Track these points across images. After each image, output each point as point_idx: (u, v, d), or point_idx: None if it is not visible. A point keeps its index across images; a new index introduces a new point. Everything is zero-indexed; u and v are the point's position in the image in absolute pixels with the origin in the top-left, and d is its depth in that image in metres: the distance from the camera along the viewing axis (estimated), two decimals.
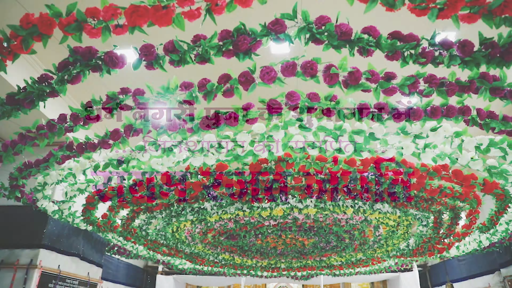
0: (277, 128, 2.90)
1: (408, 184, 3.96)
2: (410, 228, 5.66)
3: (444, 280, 11.20)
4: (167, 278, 11.63)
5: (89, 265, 7.39)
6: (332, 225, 5.43)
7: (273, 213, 4.64)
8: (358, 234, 6.03)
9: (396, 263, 9.13)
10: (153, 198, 4.23)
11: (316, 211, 4.63)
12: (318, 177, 3.72)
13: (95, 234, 7.54)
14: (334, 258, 7.86)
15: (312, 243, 6.75)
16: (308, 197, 4.13)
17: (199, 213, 4.70)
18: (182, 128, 2.87)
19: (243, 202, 4.22)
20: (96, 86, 5.07)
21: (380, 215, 4.95)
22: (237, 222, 5.25)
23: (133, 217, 5.15)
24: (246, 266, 8.77)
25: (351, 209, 4.68)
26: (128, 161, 3.35)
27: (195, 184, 3.88)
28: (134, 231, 5.86)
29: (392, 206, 4.46)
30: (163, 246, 7.50)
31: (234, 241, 6.29)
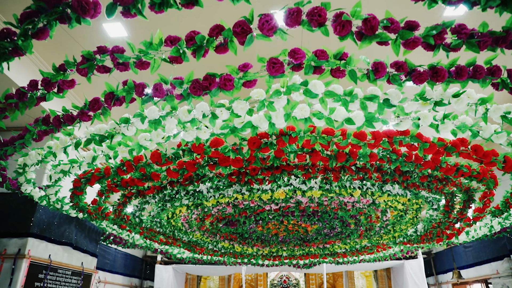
0: (278, 94, 2.53)
1: (423, 162, 3.61)
2: (419, 212, 5.33)
3: (449, 267, 10.95)
4: (166, 268, 11.36)
5: (82, 255, 7.08)
6: (338, 209, 5.09)
7: (275, 196, 4.30)
8: (364, 219, 5.70)
9: (401, 250, 8.84)
10: (144, 180, 3.89)
11: (320, 194, 4.28)
12: (324, 153, 3.36)
13: (88, 223, 7.23)
14: (338, 245, 7.53)
15: (316, 229, 6.42)
16: (313, 177, 3.78)
17: (194, 197, 4.36)
18: (170, 94, 2.50)
19: (241, 183, 3.88)
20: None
21: (389, 198, 4.61)
22: (236, 206, 4.91)
23: (124, 203, 4.82)
24: (247, 255, 8.47)
25: (359, 191, 4.33)
26: (111, 136, 2.99)
27: (188, 164, 3.52)
28: (128, 218, 5.53)
29: (403, 187, 4.11)
30: (160, 235, 7.19)
31: (233, 227, 5.96)
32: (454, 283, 10.71)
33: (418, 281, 10.73)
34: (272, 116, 2.77)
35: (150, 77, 2.51)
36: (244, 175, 3.67)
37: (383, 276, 12.85)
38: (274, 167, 3.60)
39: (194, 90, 2.39)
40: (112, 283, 10.29)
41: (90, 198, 5.11)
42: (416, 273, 10.84)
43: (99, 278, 9.45)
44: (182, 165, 3.56)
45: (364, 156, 3.40)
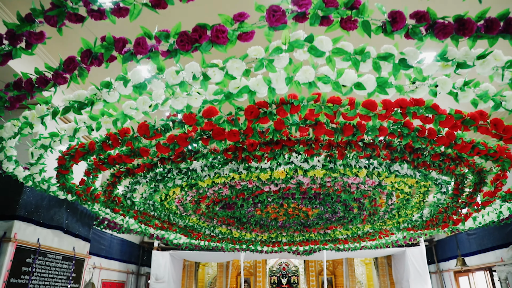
0: (279, 51, 2.20)
1: (437, 137, 3.29)
2: (426, 196, 5.04)
3: (451, 255, 10.76)
4: (163, 254, 11.15)
5: (74, 239, 6.82)
6: (341, 191, 4.79)
7: (274, 175, 4.00)
8: (368, 203, 5.42)
9: (404, 237, 8.59)
10: (132, 157, 3.57)
11: (323, 174, 3.98)
12: (329, 126, 3.04)
13: (80, 206, 6.95)
14: (339, 231, 7.27)
15: (317, 214, 6.14)
16: (316, 154, 3.47)
17: (188, 176, 4.06)
18: (155, 50, 2.17)
19: (238, 161, 3.57)
20: None
21: (396, 179, 4.31)
22: (233, 187, 4.61)
23: (114, 183, 4.51)
24: (245, 241, 8.20)
25: (364, 171, 4.03)
26: (92, 103, 2.66)
27: (180, 138, 3.21)
28: (119, 201, 5.24)
29: (413, 167, 3.80)
30: (155, 219, 6.92)
31: (230, 211, 5.67)
32: (456, 270, 10.52)
33: (419, 269, 10.53)
34: (272, 80, 2.44)
35: (133, 36, 2.19)
36: (241, 151, 3.36)
37: (383, 263, 12.67)
38: (274, 142, 3.28)
39: (182, 44, 2.06)
40: (108, 269, 10.10)
41: (78, 179, 4.81)
42: (417, 260, 10.64)
43: (94, 264, 9.24)
44: (173, 139, 3.25)
45: (373, 130, 3.08)
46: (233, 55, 2.30)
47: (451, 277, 10.91)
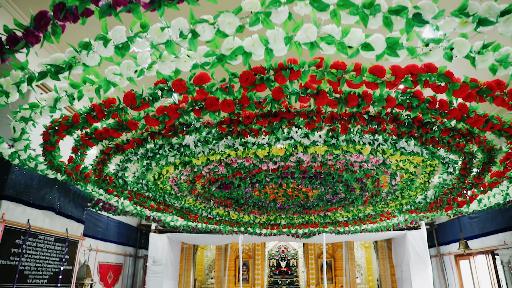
0: (277, 4, 1.94)
1: (448, 110, 3.04)
2: (432, 176, 4.81)
3: (452, 238, 10.64)
4: (160, 237, 11.01)
5: (67, 221, 6.64)
6: (343, 170, 4.56)
7: (272, 152, 3.76)
8: (371, 183, 5.20)
9: (405, 220, 8.43)
10: (120, 131, 3.33)
11: (325, 151, 3.74)
12: (333, 96, 2.79)
13: (73, 187, 6.74)
14: (340, 213, 7.08)
15: (317, 195, 5.93)
16: (318, 128, 3.22)
17: (180, 153, 3.82)
18: (136, 1, 1.91)
19: (234, 136, 3.32)
20: None
21: (401, 158, 4.08)
22: (229, 166, 4.37)
23: (103, 160, 4.28)
24: (243, 223, 8.02)
25: (369, 148, 3.79)
26: (70, 67, 2.40)
27: (170, 109, 2.95)
28: (110, 180, 5.02)
29: (420, 143, 3.56)
30: (150, 200, 6.72)
31: (227, 191, 5.45)
32: (457, 254, 10.41)
33: (420, 252, 10.41)
34: (269, 40, 2.17)
35: None
36: (237, 124, 3.11)
37: (383, 247, 12.57)
38: (272, 114, 3.03)
39: None
40: (104, 251, 9.99)
41: (67, 157, 4.58)
42: (418, 244, 10.51)
43: (90, 246, 9.10)
44: (162, 110, 3.00)
45: (380, 100, 2.83)
46: (225, 9, 2.03)
47: (451, 261, 10.81)
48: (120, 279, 11.06)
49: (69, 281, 6.60)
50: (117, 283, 10.86)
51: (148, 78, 2.71)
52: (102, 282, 9.96)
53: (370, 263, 16.44)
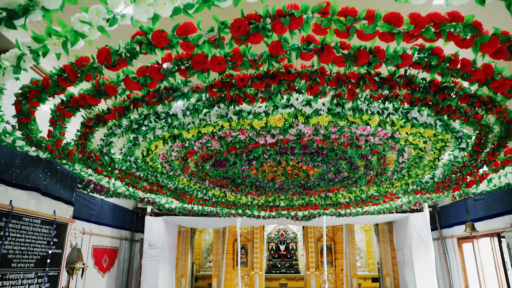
0: None
1: (471, 70, 2.65)
2: (443, 152, 4.45)
3: (455, 221, 10.38)
4: (156, 220, 10.74)
5: (55, 202, 6.30)
6: (347, 145, 4.19)
7: (270, 123, 3.38)
8: (376, 161, 4.84)
9: (409, 202, 8.12)
10: (97, 97, 2.94)
11: (328, 121, 3.37)
12: (340, 52, 2.39)
13: (61, 167, 6.38)
14: (341, 194, 6.74)
15: (318, 174, 5.57)
16: (321, 94, 2.83)
17: (168, 124, 3.45)
18: None
19: (226, 103, 2.94)
20: None
21: (412, 130, 3.71)
22: (223, 139, 3.99)
23: (86, 135, 3.90)
24: (241, 205, 7.69)
25: (377, 119, 3.42)
26: (25, 11, 2.00)
27: (152, 69, 2.56)
28: (96, 157, 4.65)
29: (435, 112, 3.18)
30: (143, 181, 6.38)
31: (222, 169, 5.09)
32: (461, 237, 10.16)
33: (422, 235, 10.15)
34: None
35: None
36: (229, 87, 2.72)
37: (384, 230, 12.33)
38: (270, 76, 2.64)
39: None
40: (99, 235, 9.72)
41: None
42: (421, 226, 10.24)
43: (84, 229, 8.82)
44: (144, 71, 2.60)
45: (394, 58, 2.44)
46: None
47: (454, 244, 10.58)
48: (116, 263, 10.83)
49: (58, 265, 6.30)
50: (113, 267, 10.64)
51: (124, 32, 2.32)
52: (97, 266, 9.72)
53: (370, 246, 16.27)
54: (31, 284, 5.58)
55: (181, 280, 12.10)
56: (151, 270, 10.32)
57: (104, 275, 10.08)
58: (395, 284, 11.68)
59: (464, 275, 10.10)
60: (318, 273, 11.83)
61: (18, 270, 5.31)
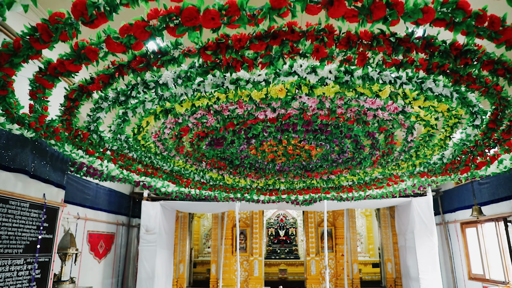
0: None
1: (500, 29, 2.33)
2: (455, 129, 4.15)
3: (458, 206, 10.18)
4: (153, 205, 10.49)
5: (44, 185, 6.01)
6: (354, 121, 3.87)
7: (271, 94, 3.05)
8: (383, 140, 4.55)
9: (413, 185, 7.85)
10: (77, 62, 2.61)
11: (335, 93, 3.05)
12: (352, 4, 2.06)
13: (50, 149, 6.07)
14: (344, 177, 6.45)
15: (321, 154, 5.27)
16: (328, 58, 2.51)
17: (159, 97, 3.13)
18: None
19: (222, 69, 2.62)
20: None
21: (425, 104, 3.40)
22: (219, 114, 3.66)
23: (70, 109, 3.59)
24: (239, 188, 7.42)
25: (388, 90, 3.11)
26: None
27: (136, 27, 2.23)
28: (85, 136, 4.34)
29: (454, 81, 2.87)
30: (136, 163, 6.09)
31: (219, 148, 4.78)
32: (464, 221, 9.95)
33: (425, 220, 9.93)
34: None
35: None
36: (225, 49, 2.39)
37: (386, 215, 12.12)
38: (271, 35, 2.31)
39: None
40: (94, 220, 9.49)
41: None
42: (424, 211, 10.01)
43: (78, 214, 8.58)
44: (127, 30, 2.28)
45: (414, 12, 2.11)
46: None
47: (457, 229, 10.38)
48: (113, 249, 10.64)
49: (49, 251, 6.06)
50: (109, 253, 10.45)
51: None
52: (92, 251, 9.52)
53: (370, 231, 16.12)
54: (20, 271, 5.34)
55: (179, 265, 11.93)
56: (148, 256, 10.12)
57: (100, 261, 9.89)
58: (396, 269, 11.53)
59: (467, 260, 9.93)
60: (318, 259, 11.67)
61: (5, 256, 5.05)
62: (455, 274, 10.40)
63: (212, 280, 11.61)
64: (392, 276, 11.55)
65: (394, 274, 11.55)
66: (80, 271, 8.78)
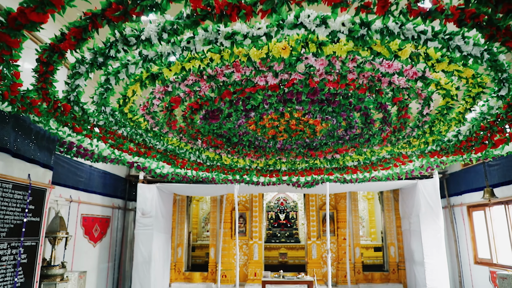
0: None
1: None
2: (478, 99, 3.71)
3: (465, 188, 9.83)
4: (149, 187, 10.14)
5: (29, 165, 5.61)
6: (366, 89, 3.41)
7: (273, 52, 2.60)
8: (396, 113, 4.12)
9: (421, 166, 7.46)
10: (39, 9, 2.17)
11: (348, 51, 2.60)
12: None
13: (35, 126, 5.64)
14: (350, 156, 6.03)
15: (327, 130, 4.84)
16: (342, 2, 2.07)
17: (143, 57, 2.70)
18: None
19: (214, 19, 2.18)
20: None
21: (450, 68, 2.96)
22: (213, 79, 3.20)
23: (44, 75, 3.15)
24: (238, 169, 7.01)
25: (408, 49, 2.67)
26: None
27: None
28: (66, 109, 3.91)
29: (487, 37, 2.43)
30: (128, 142, 5.68)
31: (215, 122, 4.34)
32: (471, 205, 9.61)
33: (431, 203, 9.59)
34: None
35: None
36: None
37: (389, 198, 11.78)
38: None
39: None
40: (88, 203, 9.14)
41: None
42: (430, 193, 9.66)
43: (71, 197, 8.22)
44: None
45: None
46: None
47: (463, 212, 10.05)
48: (109, 233, 10.33)
49: (36, 235, 5.70)
50: (105, 236, 10.14)
51: None
52: (87, 235, 9.21)
53: (372, 215, 15.83)
54: (4, 255, 4.98)
55: (177, 249, 11.66)
56: (145, 240, 9.82)
57: (95, 245, 9.59)
58: (400, 253, 11.26)
59: (473, 244, 9.63)
60: (319, 243, 11.38)
61: None
62: (460, 259, 10.11)
63: (211, 264, 11.35)
64: (395, 260, 11.29)
65: (397, 258, 11.28)
66: (74, 256, 8.47)
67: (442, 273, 9.27)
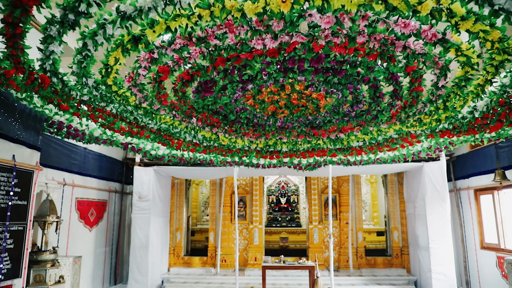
0: None
1: None
2: (502, 68, 3.33)
3: (472, 171, 9.48)
4: (146, 170, 9.83)
5: (13, 145, 5.27)
6: (377, 55, 3.01)
7: (271, 6, 2.18)
8: (408, 86, 3.73)
9: (429, 147, 7.10)
10: None
11: (359, 4, 2.20)
12: None
13: (20, 104, 5.28)
14: (355, 136, 5.66)
15: (331, 105, 4.46)
16: None
17: (120, 14, 2.32)
18: None
19: None
20: None
21: (475, 27, 2.57)
22: (203, 42, 2.78)
23: (12, 39, 2.77)
24: (237, 150, 6.66)
25: (431, 1, 2.28)
26: None
27: None
28: (44, 82, 3.54)
29: None
30: (119, 120, 5.33)
31: (209, 96, 3.95)
32: (478, 188, 9.28)
33: (438, 186, 9.26)
34: None
35: None
36: None
37: (393, 181, 11.46)
38: None
39: None
40: (83, 187, 8.86)
41: None
42: (436, 177, 9.32)
43: (64, 180, 7.92)
44: None
45: None
46: None
47: (470, 196, 9.72)
48: (105, 217, 10.08)
49: (23, 219, 5.40)
50: (102, 221, 9.89)
51: None
52: (82, 220, 8.95)
53: (375, 199, 15.56)
54: None
55: (176, 234, 11.43)
56: (142, 224, 9.57)
57: (91, 229, 9.35)
58: (403, 238, 11.00)
59: (480, 228, 9.33)
60: (321, 227, 11.13)
61: None
62: (465, 243, 9.84)
63: (210, 249, 11.13)
64: (399, 245, 11.04)
65: (401, 242, 11.03)
66: (69, 240, 8.23)
67: (447, 258, 9.01)
